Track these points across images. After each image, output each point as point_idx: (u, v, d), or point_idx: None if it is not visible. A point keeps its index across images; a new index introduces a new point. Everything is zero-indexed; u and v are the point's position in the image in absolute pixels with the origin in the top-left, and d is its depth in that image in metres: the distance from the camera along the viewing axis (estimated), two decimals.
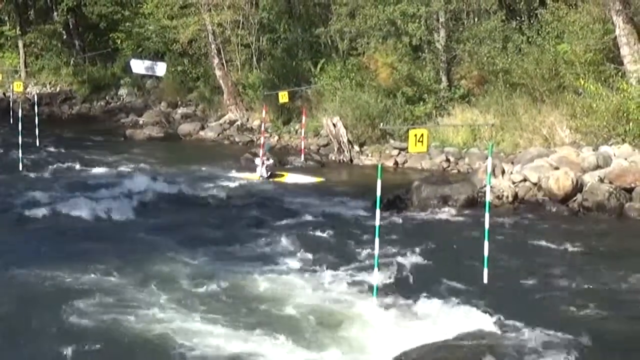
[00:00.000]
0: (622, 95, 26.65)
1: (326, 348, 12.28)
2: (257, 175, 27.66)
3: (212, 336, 12.63)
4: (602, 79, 28.28)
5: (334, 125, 32.06)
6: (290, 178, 27.82)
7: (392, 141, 32.22)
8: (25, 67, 55.77)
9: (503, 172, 24.06)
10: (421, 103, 33.59)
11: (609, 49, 28.96)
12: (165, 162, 31.03)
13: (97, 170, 28.85)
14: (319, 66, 38.60)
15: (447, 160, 30.02)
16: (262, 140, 29.30)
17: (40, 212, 21.51)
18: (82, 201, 22.62)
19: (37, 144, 33.36)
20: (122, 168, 29.31)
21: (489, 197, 15.70)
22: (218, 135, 39.02)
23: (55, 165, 29.89)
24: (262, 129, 32.54)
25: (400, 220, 21.20)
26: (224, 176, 27.64)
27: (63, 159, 31.39)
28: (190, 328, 12.94)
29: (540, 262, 17.16)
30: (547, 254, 18.02)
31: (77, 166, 29.58)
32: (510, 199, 22.96)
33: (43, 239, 19.03)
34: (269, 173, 27.54)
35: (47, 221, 20.91)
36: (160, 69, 36.59)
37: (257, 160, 28.08)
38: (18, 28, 55.78)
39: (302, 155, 30.92)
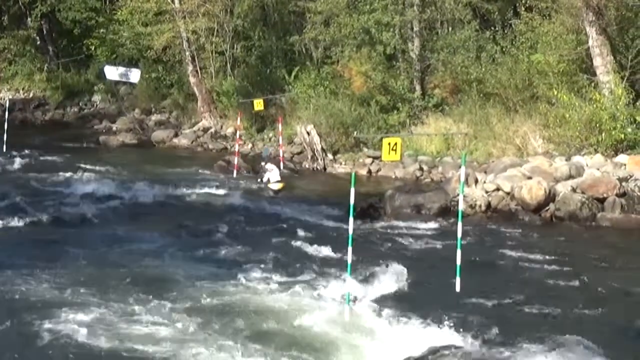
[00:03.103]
0: (594, 105, 26.79)
1: (298, 357, 12.24)
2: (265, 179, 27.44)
3: (179, 346, 12.55)
4: (575, 89, 28.42)
5: (308, 133, 32.07)
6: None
7: (365, 149, 32.26)
8: None
9: (476, 181, 24.13)
10: (395, 112, 33.68)
11: (582, 59, 29.12)
12: (138, 168, 30.87)
13: (70, 176, 28.56)
14: (293, 74, 38.66)
15: (421, 169, 30.07)
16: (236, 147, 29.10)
17: (7, 217, 21.31)
18: (50, 207, 22.48)
19: (4, 149, 33.22)
20: (95, 174, 29.04)
21: (461, 206, 15.71)
22: (192, 142, 38.93)
23: (26, 171, 29.66)
24: (237, 136, 32.52)
25: (374, 229, 21.22)
26: (196, 183, 27.50)
27: (35, 165, 31.20)
28: (156, 337, 12.84)
29: (513, 272, 17.21)
30: (520, 263, 18.06)
31: (49, 172, 29.26)
32: (483, 208, 23.02)
33: (6, 246, 18.84)
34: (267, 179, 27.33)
35: (12, 227, 20.69)
36: (134, 75, 36.39)
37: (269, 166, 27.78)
38: None
39: (278, 162, 30.68)
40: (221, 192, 26.37)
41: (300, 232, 20.36)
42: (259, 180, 27.30)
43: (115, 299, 14.59)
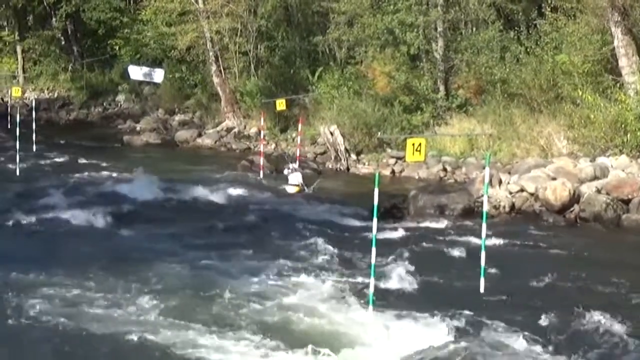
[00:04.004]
0: (620, 106, 26.66)
1: (322, 358, 12.22)
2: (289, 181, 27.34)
3: (203, 344, 12.56)
4: (600, 89, 28.28)
5: (332, 133, 32.07)
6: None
7: (389, 150, 32.21)
8: (24, 72, 55.87)
9: (500, 182, 24.05)
10: (418, 112, 33.60)
11: (607, 60, 28.97)
12: (162, 168, 30.90)
13: (94, 176, 28.78)
14: (316, 74, 38.68)
15: (444, 169, 29.98)
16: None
17: (35, 217, 21.46)
18: (77, 207, 22.57)
19: (34, 149, 33.35)
20: (119, 174, 29.20)
21: (486, 207, 15.67)
22: (215, 142, 39.00)
23: (52, 171, 29.89)
24: (261, 136, 32.56)
25: (397, 230, 21.12)
26: (220, 183, 27.51)
27: (60, 165, 31.42)
28: (182, 335, 12.85)
29: (537, 273, 17.09)
30: (544, 264, 17.96)
31: (74, 172, 29.46)
32: (507, 209, 22.95)
33: (38, 244, 19.00)
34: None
35: (42, 226, 20.85)
36: (158, 75, 36.51)
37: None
38: (17, 33, 55.90)
39: (297, 162, 30.67)
40: (245, 192, 26.35)
41: (324, 232, 20.33)
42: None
43: (139, 296, 14.68)
